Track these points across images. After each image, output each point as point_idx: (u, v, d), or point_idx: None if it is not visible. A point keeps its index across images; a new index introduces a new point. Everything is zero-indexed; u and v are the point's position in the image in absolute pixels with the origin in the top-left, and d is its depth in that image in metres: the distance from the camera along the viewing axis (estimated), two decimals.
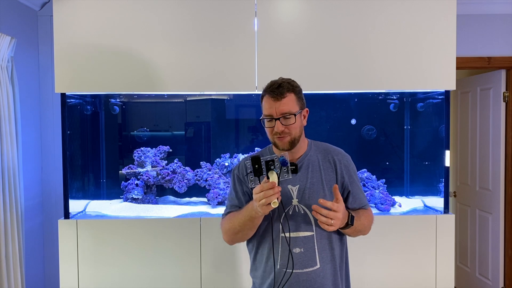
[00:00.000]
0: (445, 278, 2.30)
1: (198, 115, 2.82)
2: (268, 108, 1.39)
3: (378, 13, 2.24)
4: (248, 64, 2.23)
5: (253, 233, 1.43)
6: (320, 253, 1.40)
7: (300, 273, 1.38)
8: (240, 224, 1.38)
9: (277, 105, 1.37)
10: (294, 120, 1.38)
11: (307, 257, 1.39)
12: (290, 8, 2.25)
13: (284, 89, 1.37)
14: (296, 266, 1.38)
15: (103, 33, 2.21)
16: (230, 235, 1.44)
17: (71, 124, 2.35)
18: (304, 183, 1.43)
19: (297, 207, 1.41)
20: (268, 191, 1.23)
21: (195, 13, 2.22)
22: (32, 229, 2.83)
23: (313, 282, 1.39)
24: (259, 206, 1.25)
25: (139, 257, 2.26)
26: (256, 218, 1.34)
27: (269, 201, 1.23)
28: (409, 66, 2.25)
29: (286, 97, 1.37)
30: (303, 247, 1.39)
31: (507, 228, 3.15)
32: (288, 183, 1.42)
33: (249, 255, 1.54)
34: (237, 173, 1.50)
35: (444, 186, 2.35)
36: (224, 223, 1.47)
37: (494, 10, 3.03)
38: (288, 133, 1.39)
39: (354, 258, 2.27)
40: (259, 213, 1.29)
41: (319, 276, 1.40)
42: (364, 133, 2.77)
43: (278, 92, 1.37)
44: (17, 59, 2.60)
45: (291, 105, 1.38)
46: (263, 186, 1.25)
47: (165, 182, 2.58)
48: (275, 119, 1.37)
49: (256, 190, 1.26)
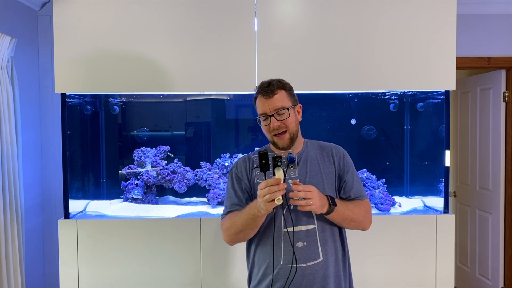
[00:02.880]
0: (445, 278, 2.30)
1: (198, 115, 2.82)
2: (261, 107, 1.43)
3: (378, 13, 2.24)
4: (248, 64, 2.23)
5: (254, 233, 1.43)
6: (323, 246, 1.42)
7: (304, 267, 1.40)
8: (242, 223, 1.38)
9: (269, 102, 1.41)
10: (288, 114, 1.42)
11: (310, 250, 1.41)
12: (290, 8, 2.25)
13: (274, 86, 1.43)
14: (299, 260, 1.39)
15: (103, 33, 2.21)
16: (232, 235, 1.44)
17: (71, 124, 2.35)
18: (304, 177, 1.45)
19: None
20: (273, 187, 1.23)
21: (195, 13, 2.22)
22: (32, 229, 2.83)
23: (316, 275, 1.40)
24: (263, 202, 1.24)
25: (139, 257, 2.26)
26: (258, 217, 1.34)
27: (273, 197, 1.22)
28: (409, 66, 2.25)
29: (277, 94, 1.42)
30: (306, 241, 1.41)
31: (507, 228, 3.15)
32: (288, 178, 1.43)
33: (247, 255, 1.54)
34: (235, 171, 1.52)
35: (444, 186, 2.35)
36: (225, 222, 1.47)
37: (494, 10, 3.03)
38: (285, 128, 1.42)
39: (354, 258, 2.27)
40: (262, 211, 1.28)
41: (322, 268, 1.41)
42: (364, 133, 2.77)
43: (268, 90, 1.42)
44: (17, 59, 2.60)
45: (283, 101, 1.43)
46: (268, 181, 1.25)
47: (165, 182, 2.58)
48: (270, 116, 1.41)
49: (261, 186, 1.26)
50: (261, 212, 1.30)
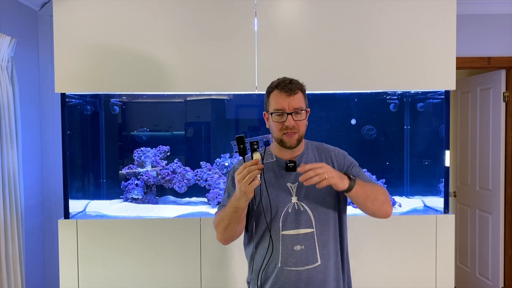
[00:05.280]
0: (445, 278, 2.30)
1: (198, 115, 2.82)
2: (280, 102, 1.39)
3: (378, 13, 2.24)
4: (248, 64, 2.23)
5: (240, 227, 1.42)
6: (321, 250, 1.41)
7: (302, 271, 1.39)
8: (227, 217, 1.38)
9: (290, 100, 1.38)
10: (305, 116, 1.41)
11: (308, 254, 1.40)
12: (290, 8, 2.25)
13: (295, 85, 1.41)
14: (297, 263, 1.39)
15: (103, 33, 2.21)
16: (221, 231, 1.44)
17: (71, 124, 2.35)
18: None
19: (297, 204, 1.42)
20: (251, 167, 1.24)
21: (195, 13, 2.22)
22: (32, 229, 2.83)
23: (314, 279, 1.39)
24: (243, 186, 1.24)
25: (139, 257, 2.25)
26: (240, 208, 1.33)
27: (253, 177, 1.23)
28: (409, 66, 2.25)
29: (297, 94, 1.41)
30: (304, 244, 1.40)
31: (507, 228, 3.15)
32: (287, 181, 1.43)
33: (247, 259, 1.54)
34: (232, 173, 1.52)
35: (444, 186, 2.35)
36: (215, 220, 1.48)
37: (494, 10, 3.03)
38: (297, 130, 1.40)
39: (354, 258, 2.27)
40: (243, 199, 1.28)
41: (320, 273, 1.40)
42: (364, 133, 2.77)
43: (291, 87, 1.39)
44: (17, 59, 2.60)
45: (301, 102, 1.41)
46: (246, 164, 1.26)
47: (165, 182, 2.58)
48: (288, 114, 1.38)
49: (239, 170, 1.26)
50: (241, 202, 1.30)
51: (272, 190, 1.42)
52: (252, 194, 1.29)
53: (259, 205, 1.42)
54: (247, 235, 1.51)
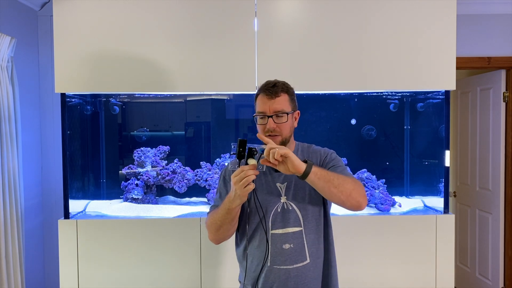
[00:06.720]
0: (445, 278, 2.30)
1: (198, 115, 2.82)
2: (261, 105, 1.43)
3: (378, 13, 2.24)
4: (248, 64, 2.23)
5: (232, 228, 1.45)
6: (310, 248, 1.43)
7: (291, 269, 1.41)
8: (220, 218, 1.40)
9: (271, 103, 1.42)
10: (286, 119, 1.42)
11: (297, 252, 1.42)
12: (290, 8, 2.25)
13: (278, 88, 1.43)
14: (286, 262, 1.41)
15: (103, 33, 2.21)
16: (213, 231, 1.46)
17: (71, 124, 2.35)
18: (291, 181, 1.46)
19: (286, 204, 1.45)
20: (249, 171, 1.26)
21: (195, 13, 2.22)
22: (32, 229, 2.83)
23: (303, 277, 1.41)
24: (239, 189, 1.26)
25: (139, 257, 2.26)
26: (233, 210, 1.35)
27: (249, 181, 1.25)
28: (409, 66, 2.25)
29: (280, 96, 1.42)
30: (293, 243, 1.42)
31: (507, 228, 3.15)
32: (277, 181, 1.47)
33: (238, 259, 1.56)
34: (224, 174, 1.55)
35: (444, 186, 2.35)
36: (207, 220, 1.50)
37: (494, 10, 3.03)
38: (279, 132, 1.42)
39: (354, 258, 2.28)
40: (237, 200, 1.30)
41: (309, 271, 1.42)
42: (364, 133, 2.77)
43: (273, 90, 1.42)
44: (17, 59, 2.60)
45: (284, 104, 1.43)
46: (244, 167, 1.28)
47: (165, 182, 2.58)
48: (268, 117, 1.41)
49: (236, 172, 1.28)
50: (234, 204, 1.32)
51: (262, 190, 1.45)
52: (246, 197, 1.31)
53: (250, 205, 1.45)
54: (238, 235, 1.54)
